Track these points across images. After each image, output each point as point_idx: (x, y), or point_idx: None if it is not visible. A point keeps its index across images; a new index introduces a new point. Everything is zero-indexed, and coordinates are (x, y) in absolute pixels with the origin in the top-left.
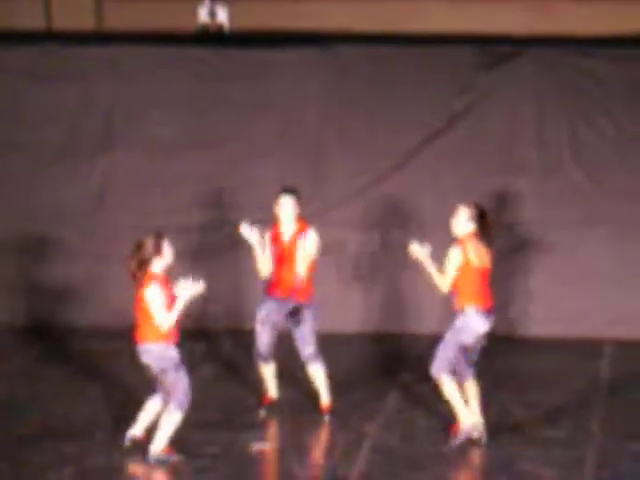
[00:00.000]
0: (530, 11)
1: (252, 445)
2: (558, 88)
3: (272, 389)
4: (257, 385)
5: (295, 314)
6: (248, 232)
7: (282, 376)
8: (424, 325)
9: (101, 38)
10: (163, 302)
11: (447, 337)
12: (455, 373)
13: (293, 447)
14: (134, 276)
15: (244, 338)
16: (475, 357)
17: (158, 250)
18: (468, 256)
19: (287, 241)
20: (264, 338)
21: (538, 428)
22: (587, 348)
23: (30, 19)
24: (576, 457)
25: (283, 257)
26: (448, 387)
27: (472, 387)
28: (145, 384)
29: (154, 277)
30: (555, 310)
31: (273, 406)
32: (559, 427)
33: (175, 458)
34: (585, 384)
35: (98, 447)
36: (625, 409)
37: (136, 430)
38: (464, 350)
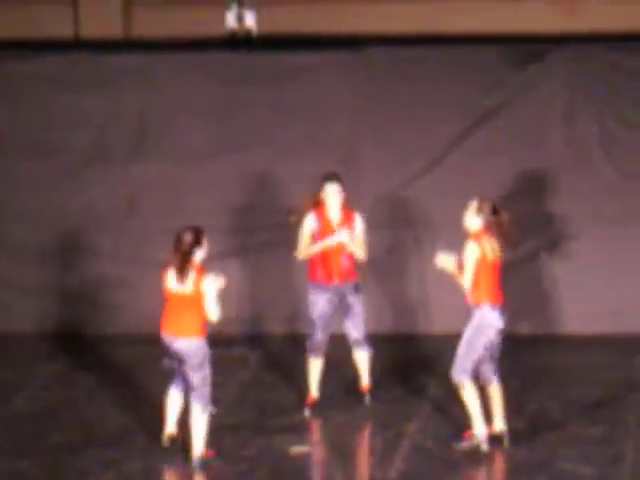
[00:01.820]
0: (557, 8)
1: (291, 448)
2: (588, 84)
3: (315, 388)
4: (295, 387)
5: (346, 298)
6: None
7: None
8: (436, 325)
9: (130, 45)
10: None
11: (467, 337)
12: (478, 376)
13: (332, 450)
14: (179, 269)
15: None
16: (497, 355)
17: (198, 240)
18: (484, 251)
19: (337, 227)
20: (322, 330)
21: (576, 426)
22: (625, 345)
23: (59, 28)
24: (615, 454)
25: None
26: (468, 393)
27: (496, 391)
28: None
29: (202, 268)
30: (591, 307)
31: (315, 406)
32: (597, 424)
33: (215, 458)
34: (623, 381)
35: (136, 452)
36: None
37: (169, 428)
38: (485, 349)
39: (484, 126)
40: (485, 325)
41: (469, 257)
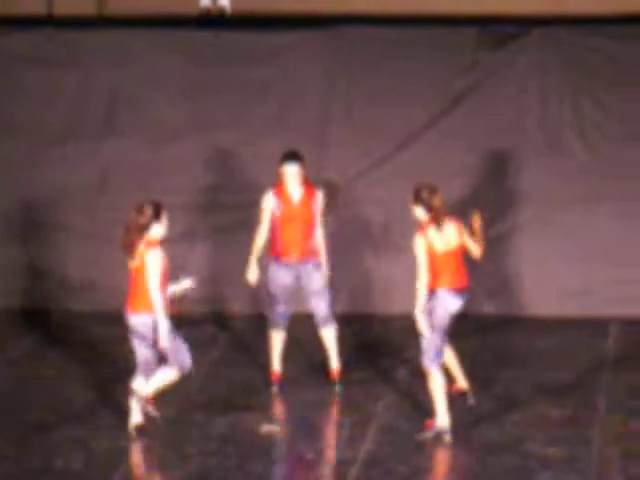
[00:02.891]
0: None
1: (262, 427)
2: (563, 67)
3: (278, 363)
4: (262, 367)
5: (308, 275)
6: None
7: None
8: (395, 306)
9: (103, 23)
10: (160, 270)
11: (430, 324)
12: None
13: (301, 429)
14: (131, 243)
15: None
16: (448, 331)
17: (158, 215)
18: (430, 242)
19: (297, 204)
20: (282, 305)
21: (544, 407)
22: (592, 327)
23: (32, 4)
24: (582, 436)
25: (293, 220)
26: (437, 382)
27: (449, 354)
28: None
29: (154, 243)
30: (561, 288)
31: (281, 383)
32: (565, 406)
33: (152, 410)
34: (590, 363)
35: (103, 431)
36: (630, 387)
37: (135, 418)
38: (442, 329)
39: (457, 107)
40: (438, 308)
41: (417, 252)
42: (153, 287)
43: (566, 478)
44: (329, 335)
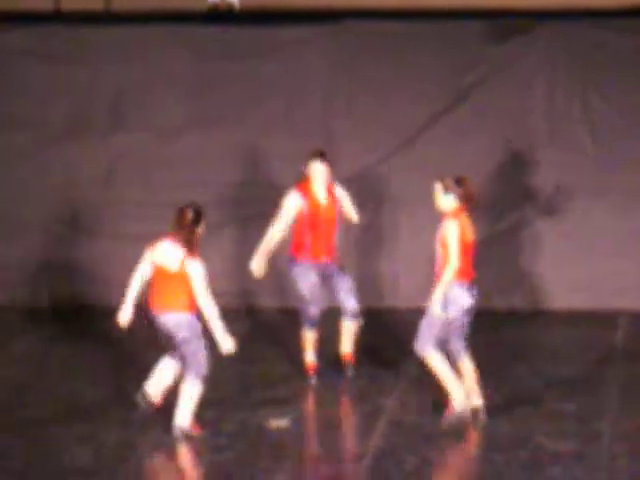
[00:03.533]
0: None
1: (271, 422)
2: (571, 60)
3: (313, 356)
4: (276, 361)
5: (337, 274)
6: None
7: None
8: (403, 300)
9: (110, 18)
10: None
11: (430, 311)
12: (447, 353)
13: (311, 424)
14: (188, 243)
15: (258, 315)
16: (466, 333)
17: (199, 217)
18: (463, 229)
19: (325, 205)
20: (315, 305)
21: (555, 401)
22: (603, 320)
23: (39, 1)
24: (593, 430)
25: (322, 222)
26: (435, 361)
27: (467, 364)
28: (157, 359)
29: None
30: (571, 282)
31: (298, 376)
32: (576, 400)
33: (200, 434)
34: (601, 356)
35: (112, 425)
36: (639, 381)
37: (151, 388)
38: (449, 325)
39: (465, 101)
40: (449, 302)
41: (453, 235)
42: (205, 294)
43: (576, 473)
44: (353, 328)
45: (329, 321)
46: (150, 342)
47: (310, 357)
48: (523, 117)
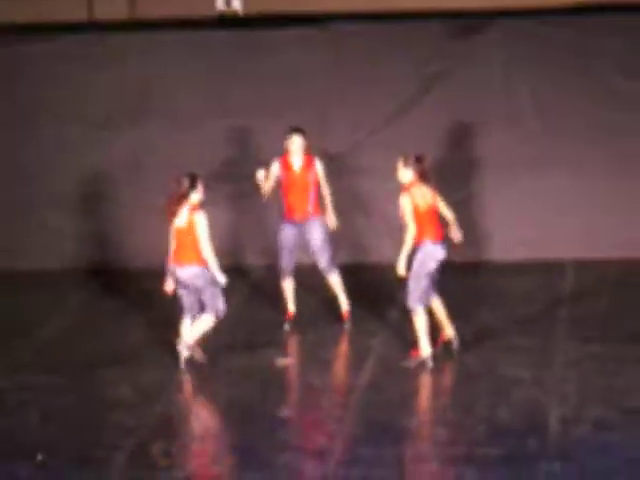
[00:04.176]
0: None
1: (276, 360)
2: (522, 53)
3: (291, 305)
4: (279, 311)
5: (310, 232)
6: (260, 175)
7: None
8: (385, 256)
9: (135, 25)
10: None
11: (414, 271)
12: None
13: (310, 361)
14: (173, 209)
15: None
16: (436, 279)
17: (194, 184)
18: (415, 200)
19: (298, 171)
20: (287, 257)
21: (514, 337)
22: (550, 269)
23: (74, 12)
24: (546, 361)
25: (294, 185)
26: (420, 319)
27: (438, 305)
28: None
29: (197, 207)
30: (521, 237)
31: (294, 321)
32: (532, 336)
33: (200, 354)
34: (551, 298)
35: (147, 367)
36: (585, 317)
37: (183, 344)
38: (431, 276)
39: (431, 89)
40: (427, 258)
41: (405, 207)
42: (206, 241)
43: (534, 395)
44: (333, 281)
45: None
46: (177, 298)
47: (290, 306)
48: (482, 102)
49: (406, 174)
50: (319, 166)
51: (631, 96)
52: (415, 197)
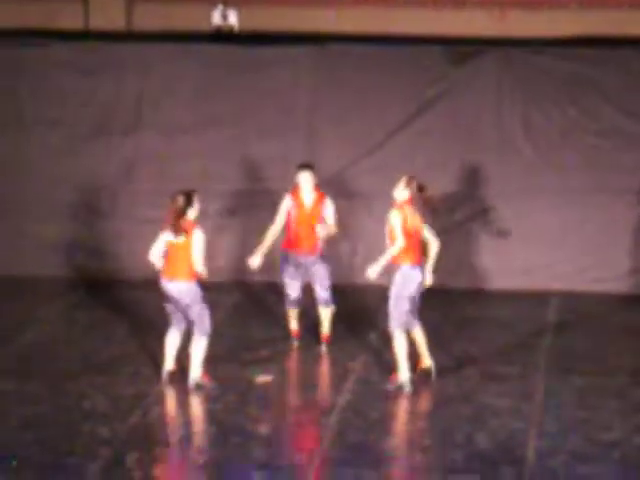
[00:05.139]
0: (490, 16)
1: (257, 377)
2: (514, 81)
3: (295, 324)
4: (262, 328)
5: (313, 266)
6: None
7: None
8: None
9: (130, 36)
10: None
11: (394, 294)
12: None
13: (291, 379)
14: (177, 226)
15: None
16: (417, 305)
17: (190, 201)
18: (406, 219)
19: (308, 207)
20: (295, 288)
21: (494, 365)
22: (534, 299)
23: (70, 21)
24: (527, 390)
25: (304, 221)
26: (400, 343)
27: (419, 333)
28: (164, 323)
29: (193, 224)
30: (508, 267)
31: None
32: (513, 365)
33: (211, 385)
34: (533, 328)
35: (126, 379)
36: (566, 349)
37: (168, 365)
38: (412, 299)
39: (425, 114)
40: (406, 281)
41: (395, 223)
42: (201, 259)
43: (512, 424)
44: (326, 313)
45: (310, 293)
46: (160, 310)
47: (293, 326)
48: (474, 127)
49: (403, 193)
50: (329, 205)
51: (623, 129)
52: (406, 215)
